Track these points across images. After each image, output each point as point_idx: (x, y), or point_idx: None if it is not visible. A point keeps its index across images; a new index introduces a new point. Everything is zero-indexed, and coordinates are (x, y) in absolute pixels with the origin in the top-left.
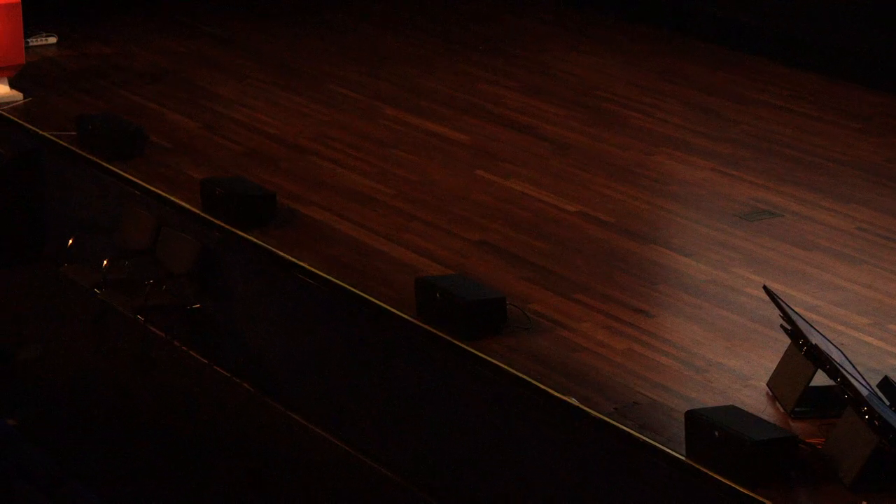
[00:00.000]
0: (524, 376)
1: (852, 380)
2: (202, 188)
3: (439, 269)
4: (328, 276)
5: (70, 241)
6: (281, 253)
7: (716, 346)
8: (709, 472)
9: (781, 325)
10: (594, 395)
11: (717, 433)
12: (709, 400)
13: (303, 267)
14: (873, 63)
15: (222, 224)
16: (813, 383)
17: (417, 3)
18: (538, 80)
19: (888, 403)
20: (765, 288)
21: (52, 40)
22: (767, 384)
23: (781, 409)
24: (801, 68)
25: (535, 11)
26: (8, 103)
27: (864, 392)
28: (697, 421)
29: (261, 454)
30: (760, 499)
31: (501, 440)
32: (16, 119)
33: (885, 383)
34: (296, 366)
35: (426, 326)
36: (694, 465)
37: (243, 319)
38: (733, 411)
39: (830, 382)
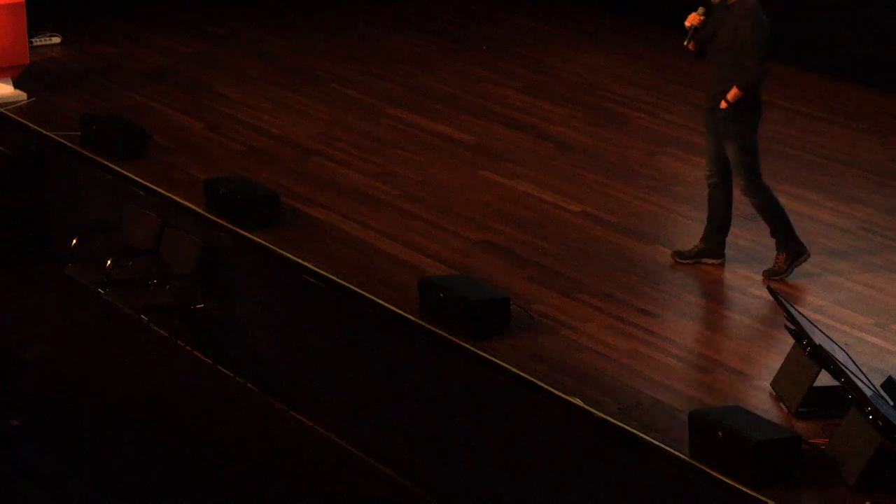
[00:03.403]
0: (528, 376)
1: (856, 380)
2: (205, 188)
3: (443, 268)
4: (331, 276)
5: (74, 241)
6: (284, 253)
7: (719, 347)
8: (712, 473)
9: (785, 326)
10: (598, 395)
11: (720, 433)
12: (712, 400)
13: (306, 267)
14: (877, 63)
15: (226, 224)
16: (817, 383)
17: (420, 3)
18: (541, 79)
19: (892, 404)
20: (768, 288)
21: (56, 40)
22: (771, 384)
23: (785, 410)
24: (806, 68)
25: (538, 11)
26: (12, 103)
27: (868, 392)
28: (701, 421)
29: (264, 454)
30: (764, 499)
31: (505, 440)
32: (19, 119)
33: (888, 383)
34: (299, 366)
35: (430, 326)
36: (697, 465)
37: (246, 319)
38: (737, 411)
39: (834, 382)
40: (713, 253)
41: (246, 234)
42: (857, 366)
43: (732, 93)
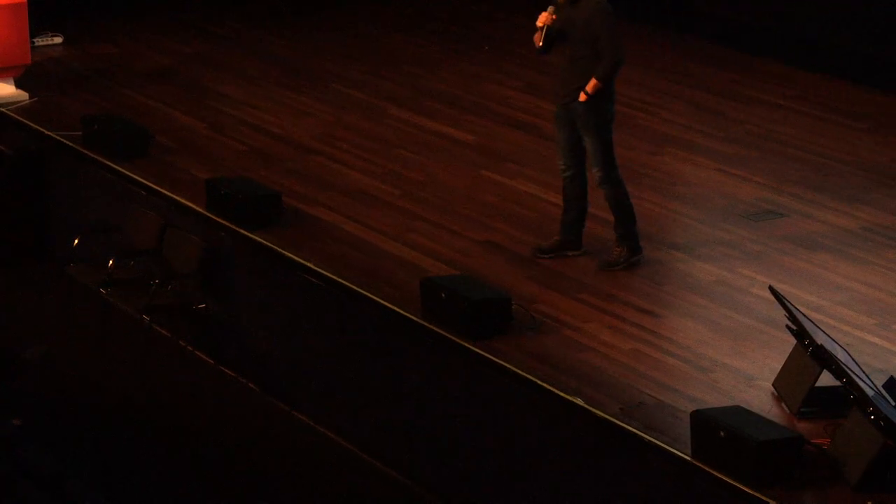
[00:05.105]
0: (529, 376)
1: (857, 380)
2: (207, 188)
3: (445, 269)
4: (333, 276)
5: (75, 241)
6: (286, 253)
7: (721, 347)
8: (714, 473)
9: (787, 326)
10: (599, 395)
11: (722, 433)
12: (714, 400)
13: (308, 267)
14: (877, 63)
15: (227, 224)
16: (818, 383)
17: (420, 3)
18: (543, 79)
19: (894, 404)
20: (770, 288)
21: (58, 40)
22: (773, 384)
23: (787, 410)
24: (806, 68)
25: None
26: (14, 103)
27: (870, 392)
28: (703, 421)
29: (265, 454)
30: (766, 499)
31: (505, 440)
32: (21, 119)
33: (890, 383)
34: (301, 366)
35: (431, 326)
36: (699, 465)
37: (248, 319)
38: (739, 411)
39: (836, 383)
40: (573, 244)
41: (247, 234)
42: (858, 366)
43: (592, 84)
